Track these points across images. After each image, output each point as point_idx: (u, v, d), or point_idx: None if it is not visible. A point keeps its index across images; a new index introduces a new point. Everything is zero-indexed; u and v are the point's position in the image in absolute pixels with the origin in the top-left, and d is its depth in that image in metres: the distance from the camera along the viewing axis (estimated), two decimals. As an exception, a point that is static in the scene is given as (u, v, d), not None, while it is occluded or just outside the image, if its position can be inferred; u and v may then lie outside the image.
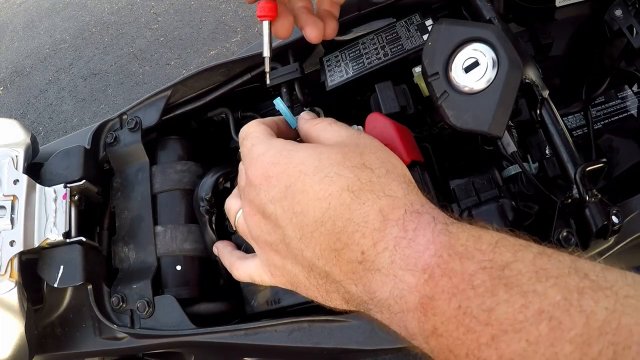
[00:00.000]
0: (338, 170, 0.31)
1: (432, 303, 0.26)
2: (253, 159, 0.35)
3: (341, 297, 0.32)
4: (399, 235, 0.28)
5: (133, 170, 0.58)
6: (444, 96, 0.40)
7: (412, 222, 0.29)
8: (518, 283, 0.24)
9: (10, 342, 0.49)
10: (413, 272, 0.27)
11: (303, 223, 0.31)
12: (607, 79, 0.58)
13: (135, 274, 0.53)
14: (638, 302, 0.21)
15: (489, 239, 0.26)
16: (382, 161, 0.33)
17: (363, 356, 0.48)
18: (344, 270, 0.30)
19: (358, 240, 0.29)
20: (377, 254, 0.28)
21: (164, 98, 0.60)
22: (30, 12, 2.72)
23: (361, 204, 0.30)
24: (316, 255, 0.31)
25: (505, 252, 0.25)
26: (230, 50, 2.11)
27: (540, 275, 0.24)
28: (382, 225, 0.29)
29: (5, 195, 0.50)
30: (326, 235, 0.30)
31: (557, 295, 0.23)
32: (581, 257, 0.25)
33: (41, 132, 2.15)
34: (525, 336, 0.22)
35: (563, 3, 0.55)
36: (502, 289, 0.24)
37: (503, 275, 0.24)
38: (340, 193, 0.30)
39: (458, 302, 0.25)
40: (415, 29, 0.51)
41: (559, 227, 0.41)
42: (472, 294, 0.24)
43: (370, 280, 0.29)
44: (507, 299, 0.23)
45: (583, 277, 0.23)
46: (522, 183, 0.47)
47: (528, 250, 0.25)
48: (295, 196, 0.31)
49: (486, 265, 0.25)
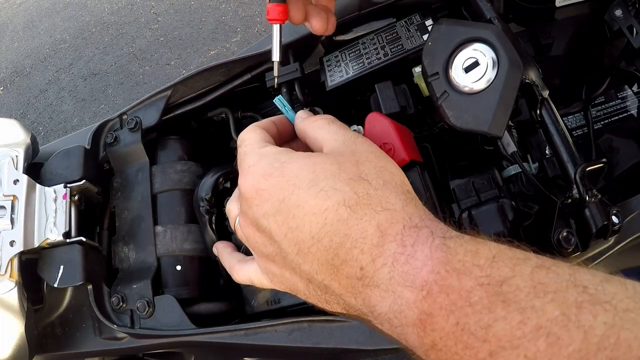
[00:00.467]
0: (334, 184, 0.31)
1: (431, 319, 0.26)
2: (244, 170, 0.34)
3: (342, 307, 0.32)
4: (397, 251, 0.28)
5: (133, 170, 0.58)
6: (444, 96, 0.40)
7: (411, 237, 0.28)
8: (516, 299, 0.24)
9: (10, 342, 0.49)
10: (411, 289, 0.27)
11: (299, 238, 0.31)
12: (607, 79, 0.58)
13: (135, 274, 0.53)
14: (637, 316, 0.21)
15: (487, 254, 0.26)
16: (379, 170, 0.32)
17: (363, 356, 0.48)
18: (343, 284, 0.30)
19: (357, 256, 0.29)
20: (376, 270, 0.28)
21: (164, 98, 0.60)
22: (30, 12, 2.72)
23: (359, 219, 0.29)
24: (314, 270, 0.31)
25: (503, 266, 0.25)
26: (230, 50, 2.11)
27: (538, 290, 0.24)
28: (380, 240, 0.29)
29: (5, 195, 0.50)
30: (323, 251, 0.30)
31: (555, 311, 0.23)
32: (580, 267, 0.25)
33: (41, 132, 2.15)
34: (524, 352, 0.22)
35: (563, 3, 0.55)
36: (499, 306, 0.24)
37: (501, 292, 0.24)
38: (337, 208, 0.30)
39: (456, 319, 0.25)
40: (415, 29, 0.51)
41: (559, 227, 0.41)
42: (469, 311, 0.24)
43: (369, 295, 0.29)
44: (505, 316, 0.23)
45: (582, 291, 0.23)
46: (522, 183, 0.47)
47: (526, 264, 0.25)
48: (289, 211, 0.31)
49: (483, 282, 0.25)
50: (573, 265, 0.25)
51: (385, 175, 0.32)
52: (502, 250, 0.26)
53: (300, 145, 0.39)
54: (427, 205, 0.32)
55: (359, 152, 0.33)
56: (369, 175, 0.31)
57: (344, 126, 0.37)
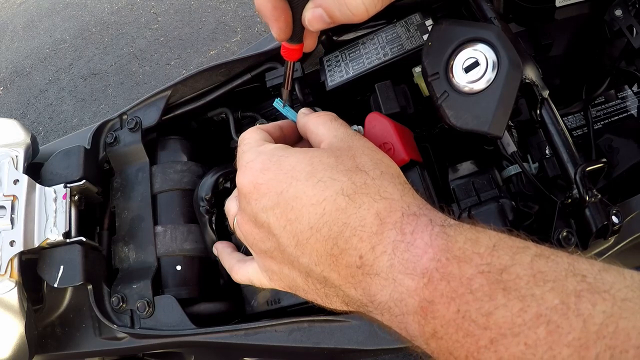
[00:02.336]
0: (331, 175, 0.31)
1: (432, 307, 0.26)
2: (242, 166, 0.34)
3: (341, 300, 0.32)
4: (397, 239, 0.28)
5: (133, 170, 0.58)
6: (444, 96, 0.40)
7: (410, 224, 0.28)
8: (516, 287, 0.24)
9: (10, 342, 0.49)
10: (412, 276, 0.27)
11: (297, 230, 0.31)
12: (607, 79, 0.58)
13: (135, 274, 0.53)
14: (636, 306, 0.22)
15: (487, 242, 0.26)
16: (375, 162, 0.32)
17: (363, 356, 0.48)
18: (343, 274, 0.30)
19: (356, 245, 0.29)
20: (376, 258, 0.28)
21: (164, 98, 0.60)
22: (30, 12, 2.72)
23: (357, 208, 0.29)
24: (313, 261, 0.31)
25: (503, 255, 0.25)
26: (230, 50, 2.11)
27: (538, 278, 0.24)
28: (379, 228, 0.29)
29: (5, 195, 0.50)
30: (322, 241, 0.30)
31: (554, 299, 0.23)
32: (579, 257, 0.25)
33: (41, 132, 2.15)
34: (524, 340, 0.23)
35: (563, 3, 0.55)
36: (500, 293, 0.24)
37: (501, 279, 0.24)
38: (335, 197, 0.30)
39: (457, 306, 0.25)
40: (415, 29, 0.51)
41: (559, 227, 0.41)
42: (470, 298, 0.25)
43: (369, 284, 0.29)
44: (505, 303, 0.24)
45: (581, 280, 0.23)
46: (522, 183, 0.47)
47: (526, 253, 0.25)
48: (288, 203, 0.31)
49: (484, 269, 0.25)
50: (572, 255, 0.25)
51: (381, 166, 0.32)
52: (501, 239, 0.27)
53: (306, 147, 0.39)
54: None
55: (355, 147, 0.34)
56: (365, 167, 0.32)
57: (345, 124, 0.37)
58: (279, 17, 0.35)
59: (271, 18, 0.35)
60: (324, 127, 0.36)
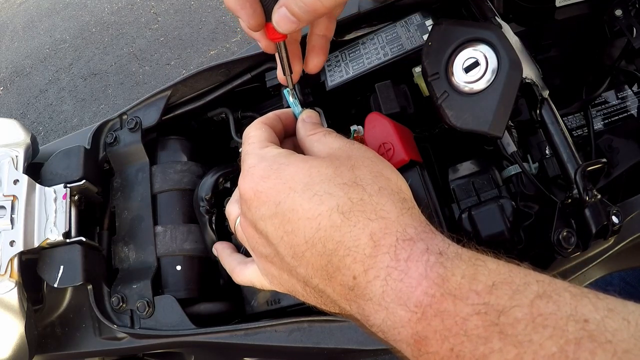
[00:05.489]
0: (328, 189, 0.30)
1: (425, 342, 0.25)
2: (244, 171, 0.34)
3: (339, 311, 0.32)
4: (390, 265, 0.27)
5: (133, 170, 0.58)
6: (444, 96, 0.40)
7: (405, 250, 0.28)
8: (513, 332, 0.23)
9: (10, 342, 0.49)
10: (405, 308, 0.26)
11: (294, 242, 0.30)
12: (607, 79, 0.58)
13: (135, 274, 0.53)
14: (637, 358, 0.21)
15: (485, 280, 0.25)
16: (374, 176, 0.32)
17: (363, 356, 0.48)
18: (337, 291, 0.30)
19: (349, 265, 0.28)
20: (368, 282, 0.28)
21: (164, 98, 0.60)
22: (30, 12, 2.72)
23: (352, 226, 0.29)
24: (309, 274, 0.30)
25: (502, 294, 0.25)
26: (230, 50, 2.11)
27: (537, 323, 0.23)
28: (373, 251, 0.28)
29: (5, 195, 0.50)
30: (317, 256, 0.30)
31: (552, 347, 0.22)
32: (583, 294, 0.24)
33: (41, 132, 2.15)
34: None
35: (563, 3, 0.55)
36: (496, 337, 0.23)
37: (498, 322, 0.24)
38: (330, 214, 0.29)
39: (451, 345, 0.24)
40: (415, 29, 0.51)
41: (559, 227, 0.41)
42: (465, 339, 0.24)
43: (362, 306, 0.28)
44: (501, 348, 0.23)
45: (582, 327, 0.22)
46: (522, 183, 0.47)
47: (527, 292, 0.24)
48: (285, 214, 0.31)
49: (480, 310, 0.24)
50: (576, 293, 0.24)
51: (381, 181, 0.32)
52: (501, 274, 0.26)
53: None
54: (426, 207, 0.32)
55: (354, 157, 0.33)
56: (364, 181, 0.31)
57: (340, 136, 0.37)
58: (244, 4, 0.34)
59: (237, 8, 0.34)
60: (318, 144, 0.36)
